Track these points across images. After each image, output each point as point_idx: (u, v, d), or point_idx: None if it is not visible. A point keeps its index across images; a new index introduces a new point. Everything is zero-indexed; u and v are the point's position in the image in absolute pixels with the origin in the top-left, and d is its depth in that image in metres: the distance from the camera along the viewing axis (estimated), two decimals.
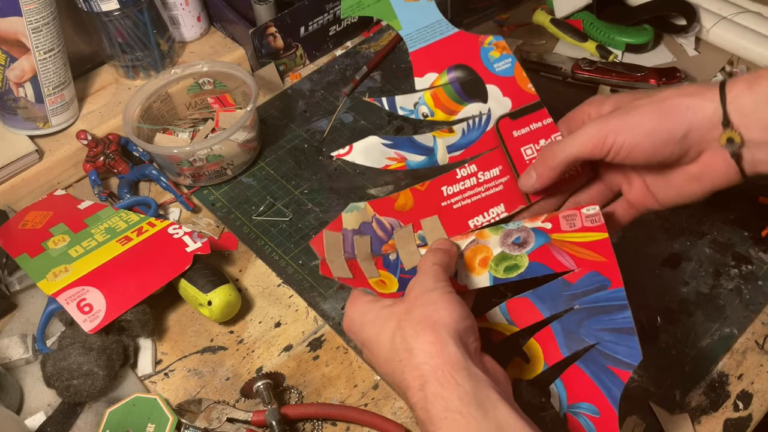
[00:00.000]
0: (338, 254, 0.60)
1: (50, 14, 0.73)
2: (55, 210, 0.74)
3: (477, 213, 0.62)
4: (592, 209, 0.56)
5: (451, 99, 0.66)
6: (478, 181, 0.63)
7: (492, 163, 0.63)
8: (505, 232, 0.58)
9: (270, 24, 0.86)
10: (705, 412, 0.59)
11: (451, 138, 0.65)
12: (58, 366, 0.60)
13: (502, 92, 0.64)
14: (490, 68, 0.65)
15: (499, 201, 0.62)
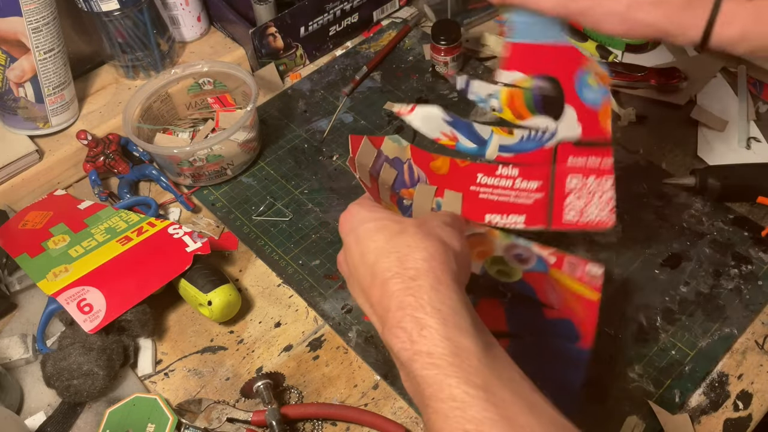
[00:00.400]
0: (366, 162, 0.62)
1: (50, 14, 0.73)
2: (55, 210, 0.74)
3: (497, 212, 0.62)
4: (596, 269, 0.58)
5: (525, 105, 0.64)
6: (513, 186, 0.64)
7: (534, 175, 0.63)
8: (513, 243, 0.59)
9: (270, 24, 0.86)
10: (705, 412, 0.59)
11: (507, 139, 0.65)
12: (58, 366, 0.60)
13: (578, 118, 0.62)
14: (579, 92, 0.61)
15: (522, 212, 0.62)
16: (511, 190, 0.63)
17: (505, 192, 0.64)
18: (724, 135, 0.78)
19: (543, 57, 0.61)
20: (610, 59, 0.86)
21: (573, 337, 0.55)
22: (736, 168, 0.73)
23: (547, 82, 0.62)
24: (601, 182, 0.60)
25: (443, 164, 0.65)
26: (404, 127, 0.83)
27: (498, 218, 0.62)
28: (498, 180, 0.64)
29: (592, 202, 0.60)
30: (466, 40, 0.90)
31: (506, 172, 0.64)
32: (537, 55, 0.61)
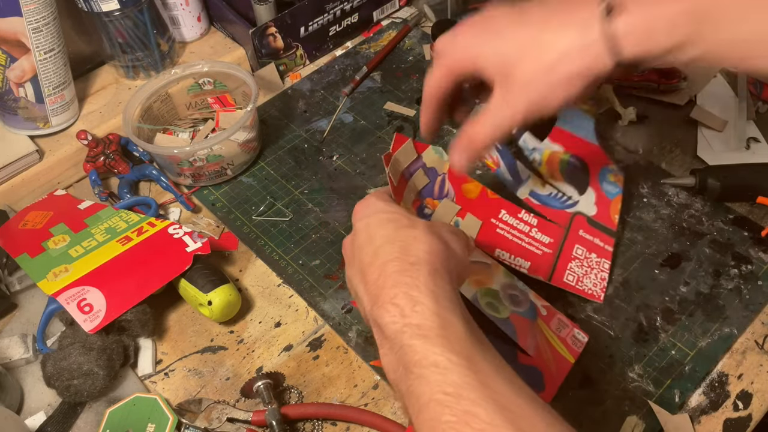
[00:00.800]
0: (403, 162, 0.65)
1: (50, 14, 0.73)
2: (56, 210, 0.74)
3: (507, 250, 0.68)
4: (582, 336, 0.62)
5: (559, 170, 0.72)
6: (529, 233, 0.69)
7: (549, 232, 0.69)
8: (512, 283, 0.63)
9: (270, 24, 0.86)
10: (705, 412, 0.59)
11: (539, 189, 0.72)
12: (58, 366, 0.60)
13: (596, 200, 0.70)
14: (600, 182, 0.71)
15: (529, 259, 0.67)
16: (526, 235, 0.69)
17: (520, 235, 0.69)
18: (724, 135, 0.78)
19: (577, 146, 0.73)
20: None
21: (538, 386, 0.58)
22: (736, 168, 0.73)
23: (579, 162, 0.71)
24: (601, 262, 0.67)
25: (474, 189, 0.71)
26: (404, 126, 0.83)
27: (506, 256, 0.67)
28: (518, 222, 0.70)
29: (590, 275, 0.66)
30: None
31: (527, 218, 0.70)
32: (574, 143, 0.73)
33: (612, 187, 0.71)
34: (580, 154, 0.72)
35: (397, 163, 0.64)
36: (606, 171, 0.72)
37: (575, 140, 0.73)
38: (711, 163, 0.75)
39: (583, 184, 0.71)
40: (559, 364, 0.59)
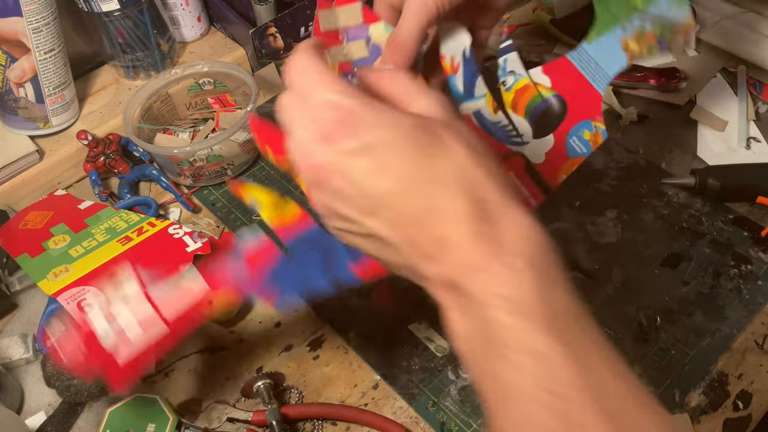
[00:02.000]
0: (343, 21, 0.57)
1: (51, 14, 0.73)
2: (56, 210, 0.74)
3: None
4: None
5: (526, 104, 0.61)
6: None
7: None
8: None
9: (270, 24, 0.86)
10: (705, 412, 0.59)
11: (489, 112, 0.61)
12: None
13: (549, 151, 0.60)
14: (569, 135, 0.59)
15: None
16: None
17: None
18: (724, 135, 0.78)
19: (575, 83, 0.60)
20: None
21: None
22: (736, 168, 0.73)
23: (559, 105, 0.60)
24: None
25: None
26: None
27: None
28: None
29: None
30: None
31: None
32: (572, 78, 0.60)
33: (581, 145, 0.59)
34: (569, 96, 0.60)
35: (334, 18, 0.56)
36: (584, 126, 0.59)
37: (577, 80, 0.59)
38: (711, 163, 0.75)
39: (546, 128, 0.60)
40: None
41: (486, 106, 0.62)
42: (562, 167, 0.59)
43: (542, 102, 0.61)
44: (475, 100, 0.61)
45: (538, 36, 0.92)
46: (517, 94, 0.62)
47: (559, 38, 0.90)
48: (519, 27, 0.94)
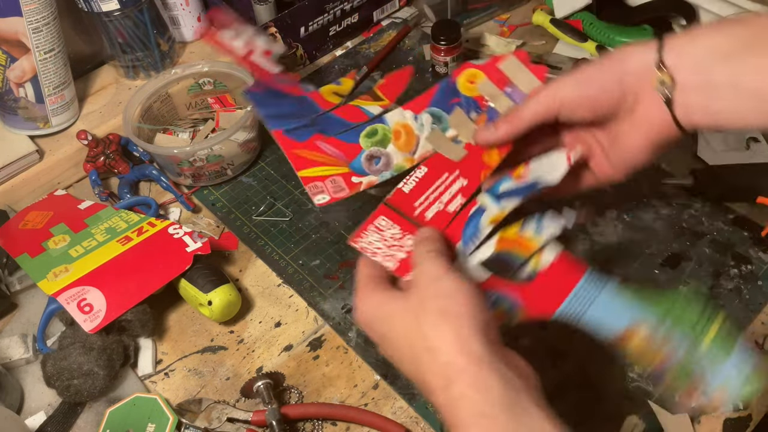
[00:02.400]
0: (508, 74, 0.61)
1: (50, 14, 0.73)
2: (56, 210, 0.74)
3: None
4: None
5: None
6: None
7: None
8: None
9: (270, 24, 0.86)
10: (705, 412, 0.59)
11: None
12: (58, 366, 0.60)
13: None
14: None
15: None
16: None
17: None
18: (724, 135, 0.78)
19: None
20: None
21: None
22: (736, 168, 0.73)
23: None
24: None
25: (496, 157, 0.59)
26: None
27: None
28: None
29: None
30: (466, 40, 0.90)
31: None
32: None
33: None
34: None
35: (498, 73, 0.60)
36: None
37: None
38: (711, 163, 0.75)
39: None
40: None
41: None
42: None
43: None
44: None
45: (538, 36, 0.92)
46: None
47: (559, 38, 0.90)
48: (519, 27, 0.94)
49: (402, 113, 0.64)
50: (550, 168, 0.56)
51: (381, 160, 0.63)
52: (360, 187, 0.63)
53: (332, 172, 0.63)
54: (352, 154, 0.64)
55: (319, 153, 0.64)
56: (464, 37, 0.88)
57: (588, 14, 0.90)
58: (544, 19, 0.91)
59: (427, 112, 0.63)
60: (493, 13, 0.95)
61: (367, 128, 0.64)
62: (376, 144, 0.64)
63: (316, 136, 0.65)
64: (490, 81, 0.60)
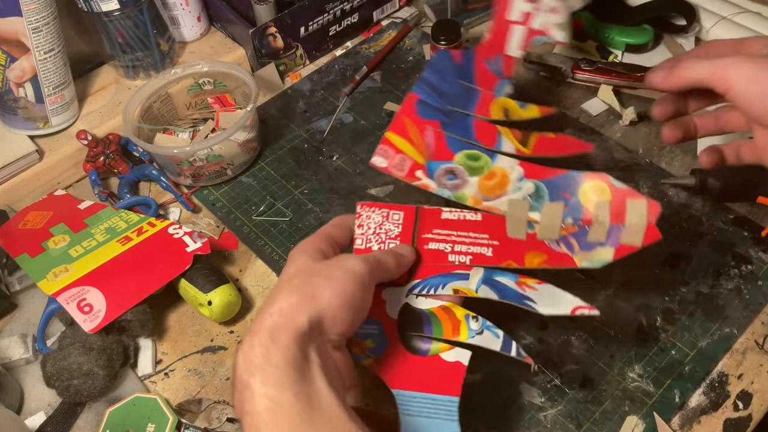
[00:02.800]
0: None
1: (50, 14, 0.73)
2: (56, 210, 0.74)
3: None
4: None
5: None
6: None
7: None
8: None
9: (270, 24, 0.86)
10: (705, 412, 0.59)
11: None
12: (58, 366, 0.60)
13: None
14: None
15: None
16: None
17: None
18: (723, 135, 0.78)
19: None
20: (610, 59, 0.86)
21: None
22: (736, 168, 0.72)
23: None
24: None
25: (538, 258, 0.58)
26: None
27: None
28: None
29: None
30: (466, 40, 0.90)
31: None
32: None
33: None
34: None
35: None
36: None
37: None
38: None
39: None
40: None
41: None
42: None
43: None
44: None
45: None
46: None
47: None
48: None
49: (513, 164, 0.61)
50: (552, 302, 0.53)
51: (455, 180, 0.62)
52: (414, 181, 0.62)
53: (410, 153, 0.63)
54: (439, 156, 0.63)
55: (419, 134, 0.63)
56: (464, 37, 0.88)
57: (588, 14, 0.90)
58: None
59: (535, 183, 0.60)
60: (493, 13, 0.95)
61: (475, 150, 0.63)
62: (467, 167, 0.62)
63: (434, 122, 0.64)
64: (609, 208, 0.56)
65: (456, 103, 0.67)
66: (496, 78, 0.69)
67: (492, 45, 0.72)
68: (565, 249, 0.56)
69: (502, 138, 0.64)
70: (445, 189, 0.62)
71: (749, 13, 0.86)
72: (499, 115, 0.67)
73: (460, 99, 0.68)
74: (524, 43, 0.71)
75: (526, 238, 0.58)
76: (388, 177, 0.77)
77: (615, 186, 0.57)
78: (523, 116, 0.67)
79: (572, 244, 0.56)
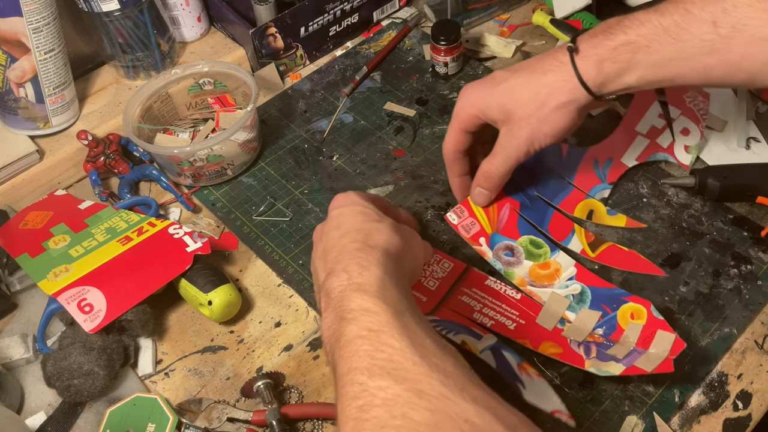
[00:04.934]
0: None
1: (51, 14, 0.73)
2: (56, 210, 0.74)
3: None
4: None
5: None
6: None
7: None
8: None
9: (270, 24, 0.86)
10: (704, 412, 0.59)
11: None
12: (58, 366, 0.60)
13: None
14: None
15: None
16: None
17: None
18: (723, 135, 0.78)
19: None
20: None
21: None
22: (736, 168, 0.73)
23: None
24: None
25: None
26: (404, 127, 0.83)
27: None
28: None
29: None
30: (466, 40, 0.90)
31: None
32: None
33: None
34: None
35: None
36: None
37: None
38: (711, 163, 0.75)
39: None
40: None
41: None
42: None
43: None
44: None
45: (538, 36, 0.92)
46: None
47: (559, 38, 0.90)
48: (519, 27, 0.94)
49: (570, 264, 0.66)
50: (539, 395, 0.56)
51: (511, 258, 0.67)
52: (474, 245, 0.68)
53: (481, 221, 0.69)
54: (506, 232, 0.69)
55: (497, 207, 0.70)
56: (464, 37, 0.88)
57: (588, 14, 0.90)
58: (544, 19, 0.91)
59: (582, 286, 0.65)
60: (493, 13, 0.95)
61: (541, 239, 0.68)
62: (526, 251, 0.67)
63: (515, 202, 0.71)
64: (639, 332, 0.60)
65: (544, 192, 0.72)
66: (597, 181, 0.73)
67: (607, 149, 0.75)
68: (582, 352, 0.60)
69: (574, 236, 0.69)
70: (498, 262, 0.67)
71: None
72: (582, 215, 0.71)
73: (550, 189, 0.72)
74: (643, 156, 0.75)
75: (551, 330, 0.62)
76: (388, 177, 0.77)
77: (653, 315, 0.60)
78: (607, 222, 0.71)
79: (591, 351, 0.60)
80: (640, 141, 0.75)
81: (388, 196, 0.76)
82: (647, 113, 0.76)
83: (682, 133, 0.75)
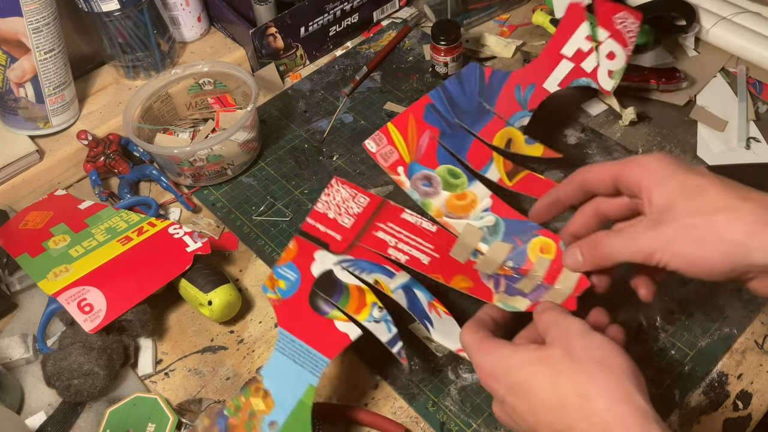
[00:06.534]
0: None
1: (51, 14, 0.73)
2: (56, 210, 0.74)
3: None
4: None
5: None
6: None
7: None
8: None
9: (270, 24, 0.86)
10: (705, 412, 0.59)
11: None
12: (58, 366, 0.60)
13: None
14: None
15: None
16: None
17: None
18: (723, 135, 0.78)
19: None
20: None
21: None
22: (736, 168, 0.73)
23: None
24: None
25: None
26: None
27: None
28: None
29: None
30: (466, 40, 0.90)
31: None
32: None
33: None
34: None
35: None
36: None
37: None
38: (711, 163, 0.75)
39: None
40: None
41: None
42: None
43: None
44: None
45: (538, 36, 0.92)
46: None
47: None
48: (519, 27, 0.94)
49: (486, 194, 0.65)
50: (447, 333, 0.56)
51: (428, 188, 0.66)
52: (392, 174, 0.66)
53: (400, 149, 0.67)
54: (424, 161, 0.67)
55: (416, 135, 0.67)
56: (464, 37, 0.88)
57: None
58: (544, 19, 0.91)
59: (497, 218, 0.63)
60: (493, 13, 0.95)
61: (459, 169, 0.66)
62: (444, 181, 0.66)
63: (435, 129, 0.67)
64: (547, 267, 0.59)
65: (464, 119, 0.69)
66: (518, 107, 0.71)
67: (530, 73, 0.73)
68: (491, 285, 0.59)
69: (492, 165, 0.67)
70: (415, 192, 0.65)
71: (749, 13, 0.86)
72: (501, 143, 0.69)
73: (471, 116, 0.70)
74: (565, 82, 0.73)
75: (464, 263, 0.61)
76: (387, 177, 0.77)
77: (562, 250, 0.59)
78: (524, 152, 0.69)
79: (499, 284, 0.59)
80: (565, 65, 0.73)
81: (388, 196, 0.76)
82: (574, 35, 0.72)
83: (608, 57, 0.71)
